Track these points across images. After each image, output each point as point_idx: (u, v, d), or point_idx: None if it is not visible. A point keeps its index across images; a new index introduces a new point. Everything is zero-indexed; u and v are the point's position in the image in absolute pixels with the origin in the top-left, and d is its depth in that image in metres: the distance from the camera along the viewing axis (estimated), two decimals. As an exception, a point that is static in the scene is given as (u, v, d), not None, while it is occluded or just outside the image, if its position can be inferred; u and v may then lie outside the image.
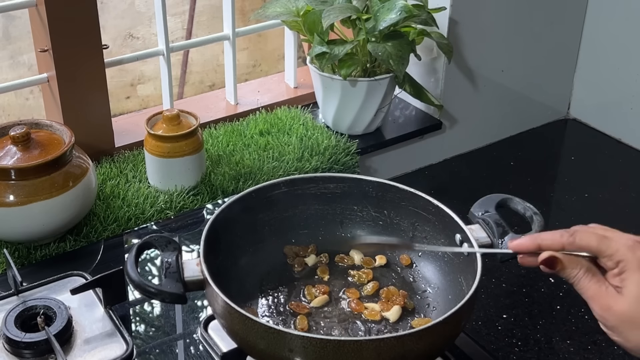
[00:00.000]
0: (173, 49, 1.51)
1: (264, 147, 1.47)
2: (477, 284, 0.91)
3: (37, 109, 2.90)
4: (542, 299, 1.26)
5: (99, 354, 1.02)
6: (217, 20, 3.12)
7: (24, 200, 1.17)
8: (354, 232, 1.11)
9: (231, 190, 1.37)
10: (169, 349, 1.07)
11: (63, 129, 1.24)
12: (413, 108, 1.66)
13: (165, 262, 0.94)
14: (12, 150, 1.19)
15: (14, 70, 2.96)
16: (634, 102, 1.70)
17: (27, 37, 2.82)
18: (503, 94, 1.72)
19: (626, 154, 1.70)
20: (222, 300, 0.89)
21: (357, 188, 1.09)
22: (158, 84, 2.88)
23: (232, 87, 1.62)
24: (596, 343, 1.06)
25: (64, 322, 1.03)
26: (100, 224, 1.27)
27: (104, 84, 1.40)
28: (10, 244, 1.23)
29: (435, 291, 1.05)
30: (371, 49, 1.38)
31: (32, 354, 1.00)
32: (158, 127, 1.34)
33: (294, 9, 1.46)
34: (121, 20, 3.12)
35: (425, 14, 1.43)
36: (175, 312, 1.14)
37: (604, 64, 1.75)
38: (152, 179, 1.36)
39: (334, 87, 1.48)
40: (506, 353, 1.15)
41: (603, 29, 1.72)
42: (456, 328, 0.90)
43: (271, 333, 0.86)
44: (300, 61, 1.80)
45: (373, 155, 1.59)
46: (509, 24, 1.65)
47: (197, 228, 1.30)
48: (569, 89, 1.83)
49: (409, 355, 0.86)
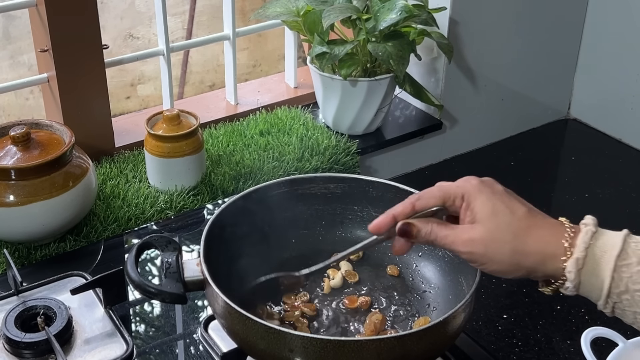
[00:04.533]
0: (173, 49, 1.51)
1: (264, 147, 1.47)
2: (477, 284, 0.91)
3: (37, 109, 2.90)
4: (542, 299, 1.25)
5: (99, 354, 1.02)
6: (217, 20, 3.12)
7: (24, 200, 1.17)
8: (354, 232, 1.11)
9: (231, 190, 1.37)
10: (169, 349, 1.07)
11: (63, 129, 1.24)
12: (413, 108, 1.66)
13: (165, 262, 0.94)
14: (12, 150, 1.19)
15: (14, 70, 2.96)
16: (634, 102, 1.70)
17: (27, 37, 2.82)
18: (503, 94, 1.72)
19: (626, 154, 1.70)
20: (222, 300, 0.89)
21: (357, 188, 1.09)
22: (158, 84, 2.88)
23: (232, 87, 1.62)
24: (596, 343, 1.06)
25: (64, 322, 1.03)
26: (100, 224, 1.27)
27: (104, 84, 1.40)
28: (10, 244, 1.23)
29: (435, 291, 1.05)
30: (371, 49, 1.38)
31: (32, 354, 1.00)
32: (158, 127, 1.34)
33: (294, 9, 1.46)
34: (121, 20, 3.12)
35: (425, 14, 1.43)
36: (175, 312, 1.14)
37: (604, 64, 1.75)
38: (152, 179, 1.36)
39: (334, 87, 1.48)
40: (506, 353, 1.15)
41: (603, 29, 1.72)
42: (456, 328, 0.90)
43: (271, 333, 0.86)
44: (301, 61, 1.80)
45: (373, 155, 1.59)
46: (509, 24, 1.65)
47: (197, 228, 1.30)
48: (569, 89, 1.82)
49: (409, 355, 0.86)
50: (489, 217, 0.81)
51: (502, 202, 0.82)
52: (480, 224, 0.81)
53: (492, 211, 0.81)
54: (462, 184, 0.84)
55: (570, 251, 0.79)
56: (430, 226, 0.84)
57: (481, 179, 0.85)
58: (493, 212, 0.81)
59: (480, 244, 0.81)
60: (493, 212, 0.81)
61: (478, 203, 0.82)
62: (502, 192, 0.83)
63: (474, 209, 0.82)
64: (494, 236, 0.80)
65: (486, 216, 0.81)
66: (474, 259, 0.82)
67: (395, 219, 0.85)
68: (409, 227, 0.84)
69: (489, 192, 0.82)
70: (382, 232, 0.87)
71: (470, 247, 0.81)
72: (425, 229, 0.84)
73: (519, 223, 0.81)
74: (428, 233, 0.84)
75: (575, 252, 0.78)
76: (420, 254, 1.08)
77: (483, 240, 0.80)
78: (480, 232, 0.81)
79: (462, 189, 0.83)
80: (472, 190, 0.83)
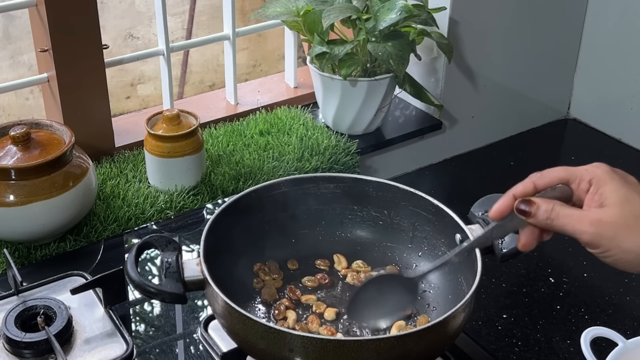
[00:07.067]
0: (173, 49, 1.51)
1: (264, 147, 1.47)
2: (477, 284, 0.91)
3: (37, 109, 2.90)
4: (542, 299, 1.26)
5: (99, 354, 1.02)
6: (217, 20, 3.13)
7: (24, 200, 1.17)
8: (354, 232, 1.11)
9: (231, 190, 1.37)
10: (169, 349, 1.07)
11: (63, 129, 1.24)
12: (413, 108, 1.66)
13: (165, 262, 0.94)
14: (12, 150, 1.19)
15: (14, 70, 2.96)
16: (634, 102, 1.70)
17: (27, 37, 2.82)
18: (503, 94, 1.72)
19: (626, 154, 1.70)
20: (222, 300, 0.89)
21: (357, 188, 1.09)
22: (158, 84, 2.88)
23: (232, 87, 1.62)
24: (596, 343, 1.06)
25: (64, 322, 1.03)
26: (100, 224, 1.27)
27: (104, 84, 1.40)
28: (10, 244, 1.23)
29: (435, 291, 1.05)
30: (371, 49, 1.38)
31: (32, 354, 1.00)
32: (158, 127, 1.34)
33: (294, 9, 1.46)
34: (121, 20, 3.12)
35: (425, 14, 1.43)
36: (175, 312, 1.14)
37: (604, 64, 1.75)
38: (152, 179, 1.36)
39: (334, 87, 1.48)
40: (506, 353, 1.15)
41: (603, 29, 1.72)
42: (456, 328, 0.90)
43: (271, 333, 0.86)
44: (300, 61, 1.80)
45: (373, 155, 1.59)
46: (509, 24, 1.65)
47: (197, 228, 1.30)
48: (569, 89, 1.82)
49: (409, 355, 0.86)
50: (622, 203, 0.76)
51: (636, 192, 0.77)
52: (612, 208, 0.76)
53: (625, 197, 0.76)
54: (592, 168, 0.80)
55: None
56: (552, 204, 0.79)
57: (613, 168, 0.80)
58: (627, 199, 0.76)
59: (610, 227, 0.76)
60: (627, 198, 0.76)
61: (609, 188, 0.77)
62: (636, 182, 0.79)
63: (604, 193, 0.77)
64: (627, 221, 0.75)
65: (619, 201, 0.76)
66: (600, 243, 0.77)
67: (515, 199, 0.81)
68: (527, 204, 0.80)
69: (621, 179, 0.78)
70: (504, 215, 0.82)
71: (598, 227, 0.76)
72: (545, 205, 0.79)
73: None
74: (549, 210, 0.79)
75: None
76: (420, 254, 1.08)
77: (614, 223, 0.76)
78: (612, 215, 0.76)
79: (591, 173, 0.79)
80: (603, 176, 0.78)
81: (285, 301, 1.03)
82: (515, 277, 1.30)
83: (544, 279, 1.29)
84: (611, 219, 0.76)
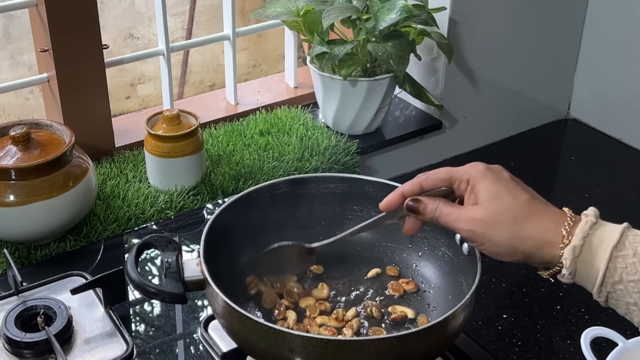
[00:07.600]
0: (173, 49, 1.51)
1: (264, 147, 1.47)
2: (477, 284, 0.91)
3: (37, 109, 2.90)
4: (542, 299, 1.26)
5: (99, 354, 1.02)
6: (217, 20, 3.13)
7: (24, 200, 1.17)
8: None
9: (231, 190, 1.37)
10: (169, 349, 1.08)
11: (63, 129, 1.24)
12: (413, 108, 1.66)
13: (165, 262, 0.94)
14: (12, 150, 1.19)
15: (14, 70, 2.96)
16: (634, 102, 1.70)
17: (27, 37, 2.83)
18: (503, 94, 1.72)
19: (626, 154, 1.70)
20: (222, 300, 0.89)
21: (357, 188, 1.09)
22: (158, 84, 2.88)
23: (232, 87, 1.62)
24: (596, 343, 1.06)
25: (64, 322, 1.03)
26: (100, 224, 1.27)
27: (104, 84, 1.40)
28: (10, 244, 1.23)
29: (435, 291, 1.05)
30: (371, 49, 1.38)
31: (32, 354, 1.00)
32: (158, 127, 1.34)
33: (294, 9, 1.46)
34: (121, 20, 3.12)
35: (425, 14, 1.43)
36: (175, 312, 1.14)
37: (604, 64, 1.75)
38: (152, 179, 1.36)
39: (334, 87, 1.48)
40: (506, 353, 1.15)
41: (603, 29, 1.72)
42: (456, 328, 0.90)
43: (271, 333, 0.86)
44: (300, 61, 1.80)
45: (373, 155, 1.59)
46: (509, 24, 1.65)
47: (197, 228, 1.30)
48: (569, 89, 1.83)
49: (409, 355, 0.86)
50: (490, 201, 0.84)
51: (506, 188, 0.85)
52: (483, 206, 0.84)
53: (494, 195, 0.84)
54: (469, 168, 0.88)
55: (568, 239, 0.81)
56: (437, 203, 0.88)
57: (488, 166, 0.88)
58: (495, 196, 0.84)
59: (481, 224, 0.84)
60: (496, 196, 0.84)
61: (482, 187, 0.85)
62: (507, 179, 0.86)
63: (478, 192, 0.85)
64: (494, 218, 0.83)
65: (488, 199, 0.84)
66: (474, 238, 0.85)
67: (404, 196, 0.90)
68: (416, 203, 0.89)
69: (493, 177, 0.86)
70: (391, 208, 0.91)
71: (471, 225, 0.84)
72: (431, 205, 0.88)
73: (520, 209, 0.83)
74: (434, 209, 0.88)
75: (573, 240, 0.80)
76: (420, 254, 1.08)
77: (483, 221, 0.84)
78: (481, 213, 0.84)
79: (468, 173, 0.87)
80: (477, 175, 0.86)
81: (285, 301, 1.03)
82: (515, 277, 1.30)
83: (544, 279, 1.29)
84: (481, 216, 0.84)
